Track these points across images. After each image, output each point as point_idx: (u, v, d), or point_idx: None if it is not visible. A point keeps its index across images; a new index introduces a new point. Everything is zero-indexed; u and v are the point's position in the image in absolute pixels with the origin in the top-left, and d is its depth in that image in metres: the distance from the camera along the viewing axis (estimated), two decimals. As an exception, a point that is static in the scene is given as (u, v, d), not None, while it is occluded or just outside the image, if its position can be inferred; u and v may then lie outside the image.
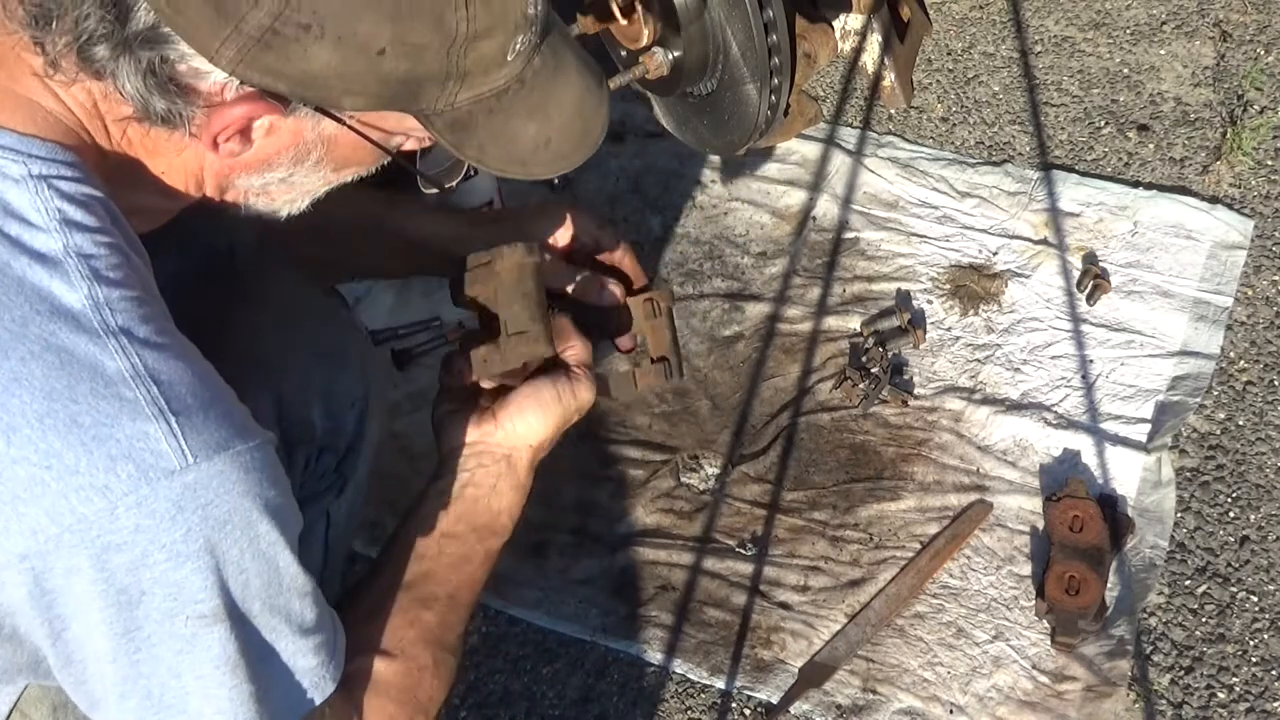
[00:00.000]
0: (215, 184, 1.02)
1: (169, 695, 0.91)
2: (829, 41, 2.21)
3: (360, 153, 1.01)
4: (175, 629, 0.89)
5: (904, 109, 2.42)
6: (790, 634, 1.70)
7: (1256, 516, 1.80)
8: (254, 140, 0.96)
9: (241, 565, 0.90)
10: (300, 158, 0.99)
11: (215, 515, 0.87)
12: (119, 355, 0.86)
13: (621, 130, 2.41)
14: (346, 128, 0.96)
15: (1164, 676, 1.65)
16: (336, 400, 1.25)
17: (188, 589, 0.88)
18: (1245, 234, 2.15)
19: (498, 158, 1.00)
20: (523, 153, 1.01)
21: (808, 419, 1.94)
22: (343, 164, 1.02)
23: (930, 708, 1.62)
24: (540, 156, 1.02)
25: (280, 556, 0.93)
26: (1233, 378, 1.96)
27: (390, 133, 0.99)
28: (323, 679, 0.99)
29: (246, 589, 0.91)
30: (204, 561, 0.88)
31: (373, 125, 0.97)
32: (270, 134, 0.95)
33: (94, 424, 0.84)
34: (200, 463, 0.86)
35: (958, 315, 2.07)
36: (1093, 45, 2.53)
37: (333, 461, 1.27)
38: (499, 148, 1.00)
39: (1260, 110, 2.36)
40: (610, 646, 1.71)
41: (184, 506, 0.86)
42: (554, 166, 1.05)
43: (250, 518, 0.89)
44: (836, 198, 2.25)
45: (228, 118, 0.92)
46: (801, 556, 1.78)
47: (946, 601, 1.73)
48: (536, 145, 1.01)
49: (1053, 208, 2.21)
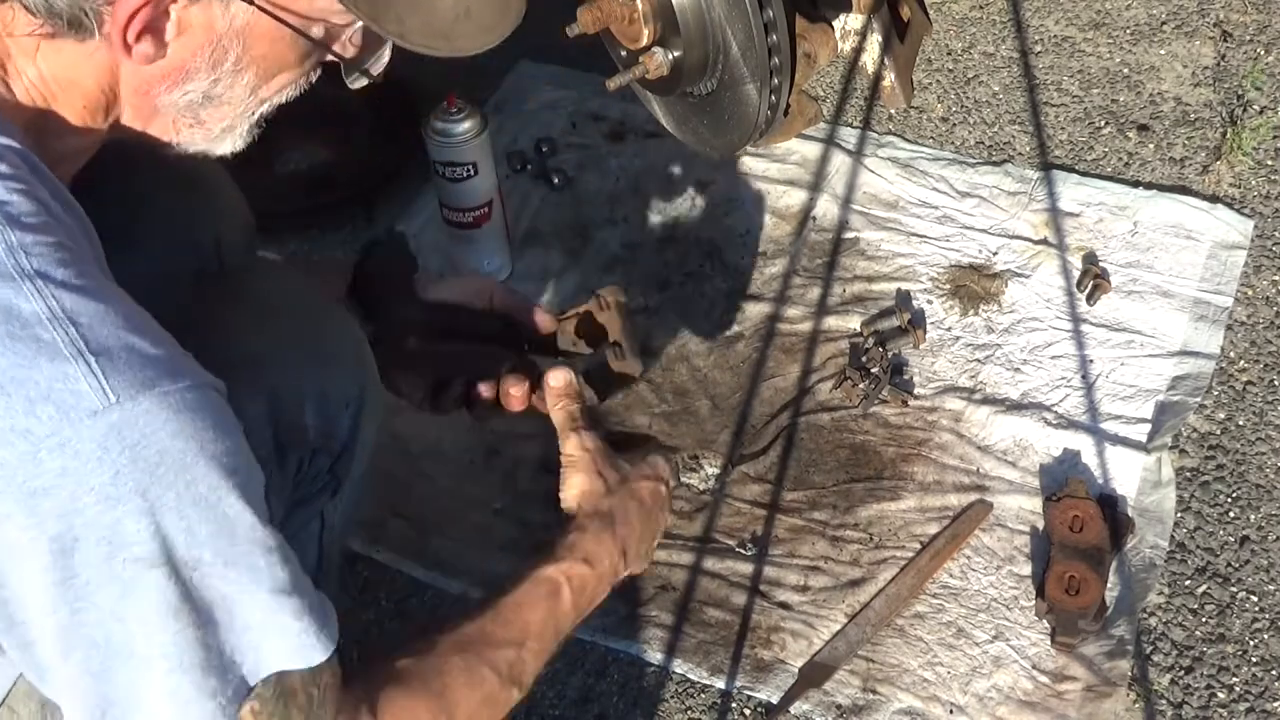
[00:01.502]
0: (137, 106, 0.99)
1: (114, 640, 0.88)
2: (829, 41, 2.21)
3: (280, 47, 0.98)
4: (114, 572, 0.86)
5: (904, 109, 2.42)
6: (790, 634, 1.70)
7: (1256, 516, 1.80)
8: (168, 43, 0.94)
9: (181, 510, 0.87)
10: (218, 60, 0.96)
11: (145, 456, 0.84)
12: (34, 298, 0.84)
13: (621, 130, 2.42)
14: (257, 9, 0.93)
15: (1164, 676, 1.65)
16: (330, 401, 1.23)
17: (122, 532, 0.85)
18: (1245, 234, 2.15)
19: (419, 30, 0.98)
20: (443, 24, 0.99)
21: (808, 419, 1.95)
22: (267, 66, 1.00)
23: (930, 708, 1.62)
24: (463, 28, 1.00)
25: (226, 503, 0.89)
26: (1233, 378, 1.96)
27: (307, 17, 0.97)
28: (304, 646, 0.95)
29: (191, 535, 0.88)
30: (136, 504, 0.85)
31: (286, 8, 0.95)
32: (182, 33, 0.94)
33: (10, 366, 0.82)
34: (124, 402, 0.84)
35: (958, 315, 2.07)
36: (1093, 45, 2.53)
37: (326, 463, 1.25)
38: (418, 19, 0.97)
39: (1260, 110, 2.36)
40: (610, 646, 1.71)
41: (109, 447, 0.83)
42: (479, 39, 1.02)
43: (184, 460, 0.86)
44: (836, 198, 2.25)
45: (129, 5, 0.90)
46: (801, 556, 1.78)
47: (946, 601, 1.73)
48: (456, 15, 0.99)
49: (1053, 208, 2.21)
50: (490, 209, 2.08)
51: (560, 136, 2.41)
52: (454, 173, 2.03)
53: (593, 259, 2.19)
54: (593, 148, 2.39)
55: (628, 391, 1.99)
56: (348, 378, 1.26)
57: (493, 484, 1.87)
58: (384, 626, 1.74)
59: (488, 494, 1.85)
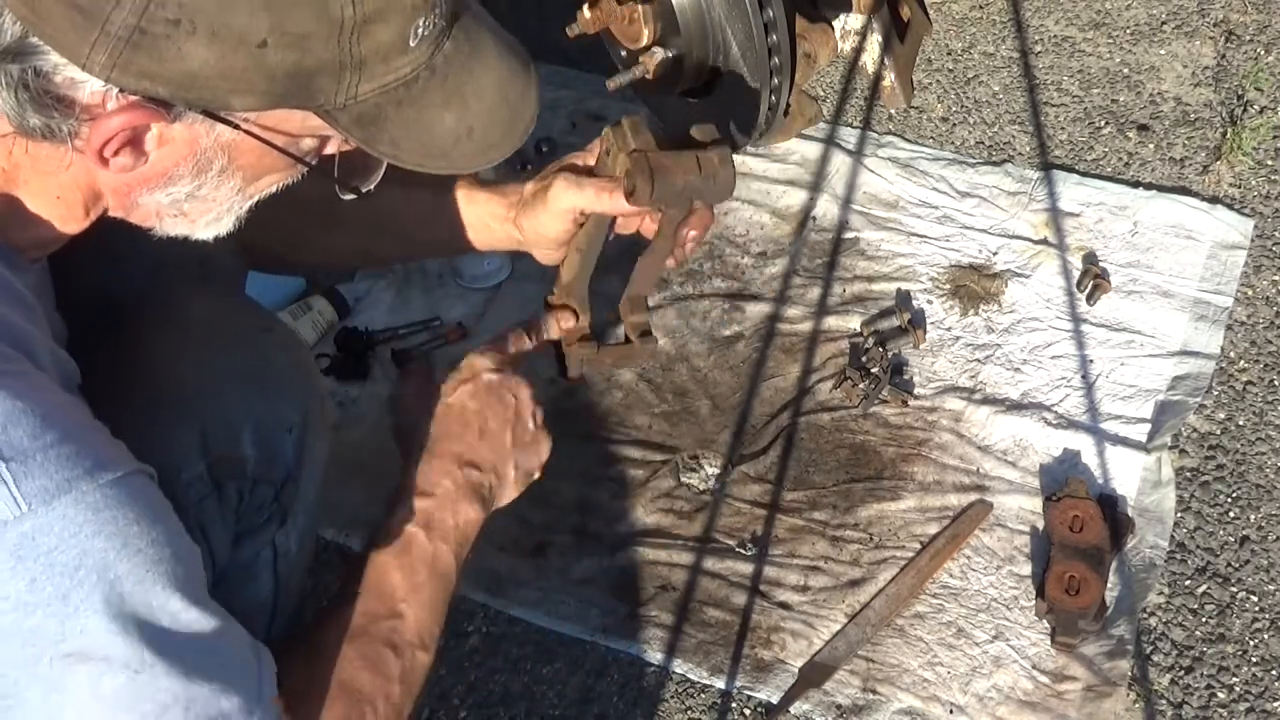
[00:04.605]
0: (118, 202, 0.96)
1: None
2: (829, 41, 2.21)
3: (268, 159, 0.94)
4: (39, 673, 0.85)
5: (904, 109, 2.42)
6: (790, 634, 1.70)
7: (1256, 516, 1.80)
8: (148, 153, 0.90)
9: (103, 608, 0.85)
10: (202, 168, 0.92)
11: (62, 561, 0.83)
12: None
13: (621, 130, 2.41)
14: (244, 133, 0.90)
15: (1164, 676, 1.65)
16: (268, 427, 1.18)
17: (44, 634, 0.84)
18: (1245, 234, 2.15)
19: (414, 152, 0.94)
20: (442, 145, 0.96)
21: (808, 419, 1.94)
22: (253, 173, 0.96)
23: (930, 708, 1.62)
24: (463, 148, 0.97)
25: (152, 594, 0.87)
26: (1233, 378, 1.96)
27: (295, 135, 0.93)
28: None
29: (120, 631, 0.86)
30: (56, 609, 0.83)
31: (273, 129, 0.91)
32: (163, 144, 0.90)
33: None
34: (37, 509, 0.82)
35: (958, 315, 2.07)
36: (1093, 45, 2.53)
37: (270, 492, 1.20)
38: (414, 141, 0.94)
39: (1260, 110, 2.36)
40: (610, 646, 1.71)
41: (23, 556, 0.82)
42: (481, 158, 0.99)
43: (106, 559, 0.85)
44: (836, 198, 2.25)
45: (108, 129, 0.86)
46: (801, 556, 1.78)
47: (946, 601, 1.73)
48: (458, 136, 0.96)
49: (1053, 208, 2.21)
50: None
51: (560, 136, 2.41)
52: (454, 173, 2.02)
53: (593, 259, 2.19)
54: (593, 148, 2.39)
55: (628, 393, 1.99)
56: (287, 402, 1.20)
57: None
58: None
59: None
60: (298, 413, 1.20)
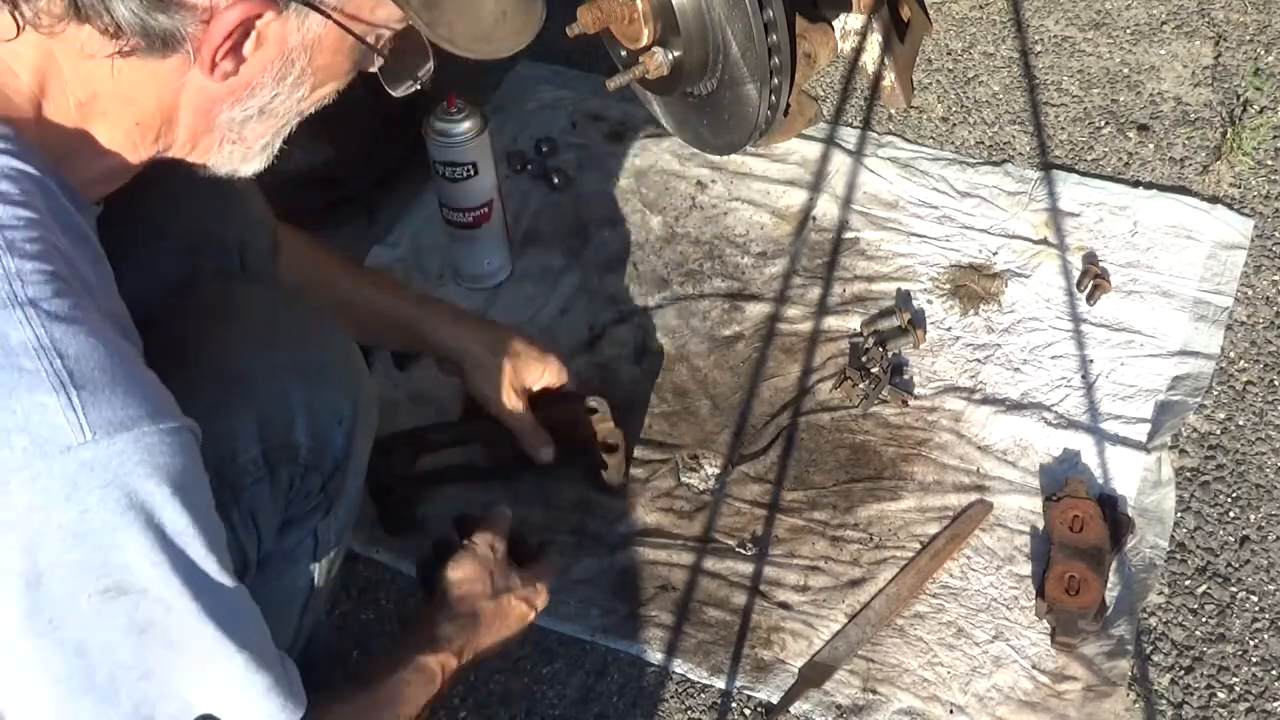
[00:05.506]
0: (197, 123, 1.00)
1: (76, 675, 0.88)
2: (829, 41, 2.21)
3: (339, 57, 1.01)
4: (78, 607, 0.85)
5: (904, 109, 2.42)
6: (790, 634, 1.70)
7: (1256, 516, 1.80)
8: (245, 57, 0.95)
9: (149, 554, 0.87)
10: (284, 73, 0.98)
11: (115, 497, 0.84)
12: (24, 326, 0.83)
13: (621, 130, 2.42)
14: (333, 22, 0.96)
15: (1164, 676, 1.65)
16: (321, 418, 1.21)
17: (87, 568, 0.85)
18: (1245, 234, 2.15)
19: (465, 34, 1.01)
20: (485, 29, 1.02)
21: (808, 419, 1.94)
22: (323, 77, 1.02)
23: (930, 708, 1.62)
24: (500, 30, 1.04)
25: (193, 549, 0.89)
26: (1233, 378, 1.96)
27: (371, 24, 1.00)
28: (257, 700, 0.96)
29: (160, 578, 0.88)
30: (104, 541, 0.84)
31: (354, 17, 0.98)
32: (260, 46, 0.95)
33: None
34: (100, 439, 0.82)
35: (958, 315, 2.07)
36: (1093, 45, 2.53)
37: (319, 481, 1.23)
38: (465, 23, 1.00)
39: (1260, 110, 2.36)
40: (610, 646, 1.71)
41: (78, 484, 0.82)
42: (513, 40, 1.06)
43: (155, 502, 0.86)
44: (836, 198, 2.25)
45: (227, 23, 0.91)
46: (801, 556, 1.78)
47: (946, 601, 1.73)
48: (496, 19, 1.03)
49: (1053, 208, 2.21)
50: (490, 209, 2.08)
51: (560, 136, 2.41)
52: (454, 173, 2.03)
53: (592, 259, 2.19)
54: (593, 148, 2.39)
55: (627, 392, 1.99)
56: (340, 394, 1.24)
57: (493, 486, 1.87)
58: (384, 627, 1.74)
59: (489, 496, 1.85)
60: (349, 406, 1.24)
